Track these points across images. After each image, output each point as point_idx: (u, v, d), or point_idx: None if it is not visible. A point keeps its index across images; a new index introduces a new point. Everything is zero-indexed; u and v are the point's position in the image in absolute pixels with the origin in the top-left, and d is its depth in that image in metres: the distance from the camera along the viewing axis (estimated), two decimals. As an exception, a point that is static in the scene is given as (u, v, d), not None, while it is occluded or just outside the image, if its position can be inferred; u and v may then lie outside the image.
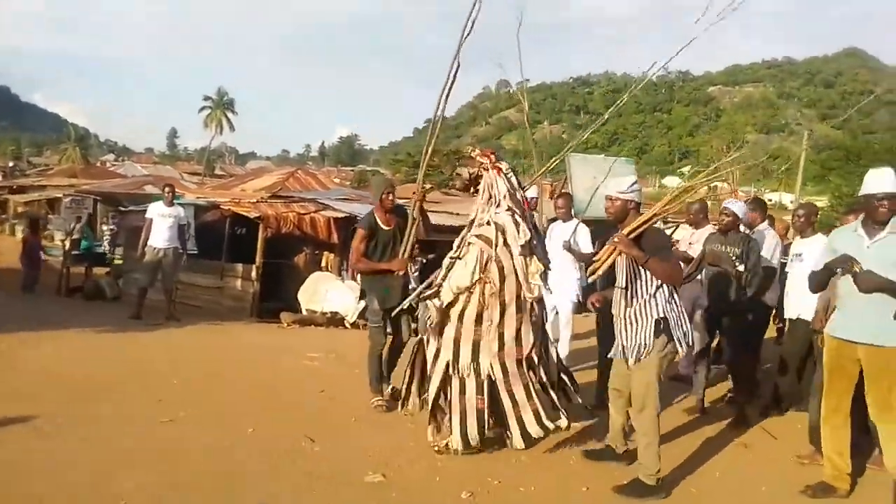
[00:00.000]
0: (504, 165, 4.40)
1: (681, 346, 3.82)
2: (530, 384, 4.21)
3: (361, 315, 9.06)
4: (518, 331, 4.17)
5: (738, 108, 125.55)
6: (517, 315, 4.16)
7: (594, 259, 4.05)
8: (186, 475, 3.69)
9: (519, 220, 4.24)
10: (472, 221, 4.38)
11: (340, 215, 10.95)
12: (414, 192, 5.02)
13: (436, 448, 4.21)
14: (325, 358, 6.70)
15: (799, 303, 5.11)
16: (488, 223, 4.22)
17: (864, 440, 4.17)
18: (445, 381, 4.22)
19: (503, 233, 4.17)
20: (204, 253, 11.42)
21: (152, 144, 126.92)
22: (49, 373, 5.59)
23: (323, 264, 11.29)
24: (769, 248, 5.77)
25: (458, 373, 4.18)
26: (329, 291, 9.37)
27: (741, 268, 5.12)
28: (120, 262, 14.12)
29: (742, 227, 5.57)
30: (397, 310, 4.81)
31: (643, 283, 3.81)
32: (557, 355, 4.61)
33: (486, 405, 4.16)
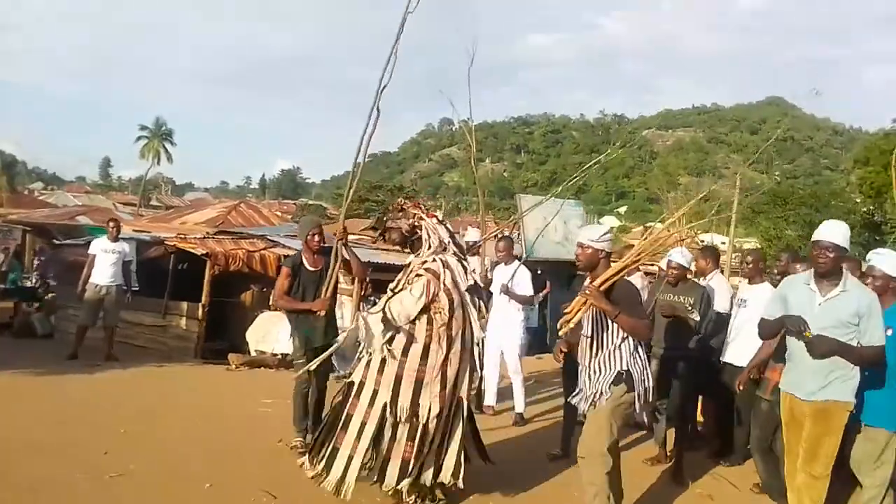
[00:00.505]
0: (439, 214, 4.60)
1: (639, 400, 3.74)
2: (457, 431, 4.12)
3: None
4: (458, 371, 4.08)
5: (670, 151, 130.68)
6: (461, 353, 4.10)
7: (564, 311, 3.93)
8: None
9: (465, 265, 4.29)
10: (409, 264, 4.35)
11: (291, 253, 10.73)
12: (344, 230, 4.90)
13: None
14: (279, 404, 6.48)
15: (740, 349, 5.14)
16: (433, 261, 4.19)
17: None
18: (381, 424, 3.99)
19: (450, 269, 4.16)
20: (146, 290, 11.00)
21: (84, 173, 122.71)
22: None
23: (271, 303, 11.02)
24: (722, 297, 5.76)
25: (395, 416, 3.99)
26: (281, 332, 9.11)
27: (696, 317, 5.14)
28: (52, 297, 13.45)
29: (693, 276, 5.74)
30: (320, 358, 4.49)
31: (609, 333, 3.76)
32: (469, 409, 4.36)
33: (413, 453, 3.98)
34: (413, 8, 4.62)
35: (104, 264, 8.79)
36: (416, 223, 4.35)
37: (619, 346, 3.74)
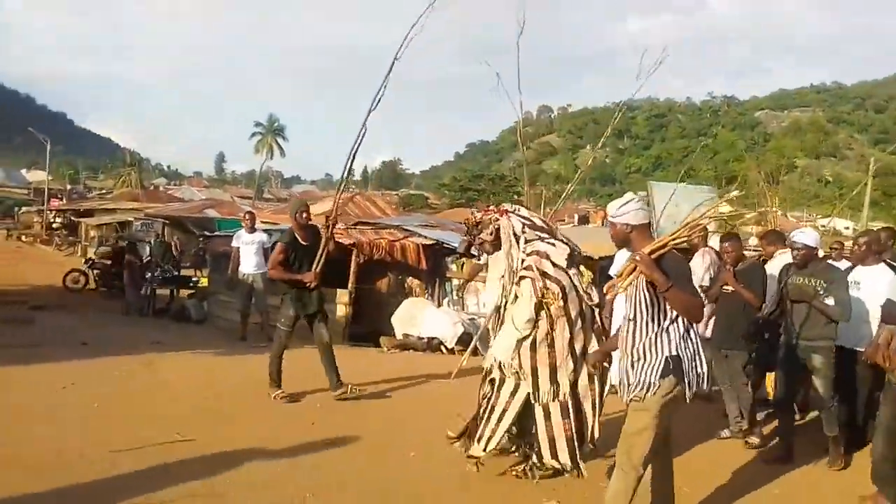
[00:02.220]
0: (508, 206, 4.63)
1: (690, 390, 3.24)
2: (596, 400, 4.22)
3: (460, 341, 9.20)
4: (585, 344, 4.19)
5: (786, 133, 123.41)
6: (584, 328, 4.20)
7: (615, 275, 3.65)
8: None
9: (552, 240, 4.34)
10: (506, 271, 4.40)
11: (429, 242, 11.08)
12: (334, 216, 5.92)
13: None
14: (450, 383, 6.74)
15: (854, 331, 4.88)
16: (529, 254, 4.26)
17: None
18: (526, 412, 4.22)
19: (546, 257, 4.22)
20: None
21: (200, 168, 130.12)
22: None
23: (406, 289, 11.42)
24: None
25: (539, 401, 4.15)
26: (426, 317, 9.46)
27: (830, 301, 4.70)
28: (205, 284, 14.48)
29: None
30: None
31: (655, 314, 3.29)
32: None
33: (573, 429, 4.12)
34: (400, 54, 5.54)
35: (247, 255, 9.52)
36: (494, 227, 4.46)
37: (668, 328, 3.26)
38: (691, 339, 3.30)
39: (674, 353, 3.22)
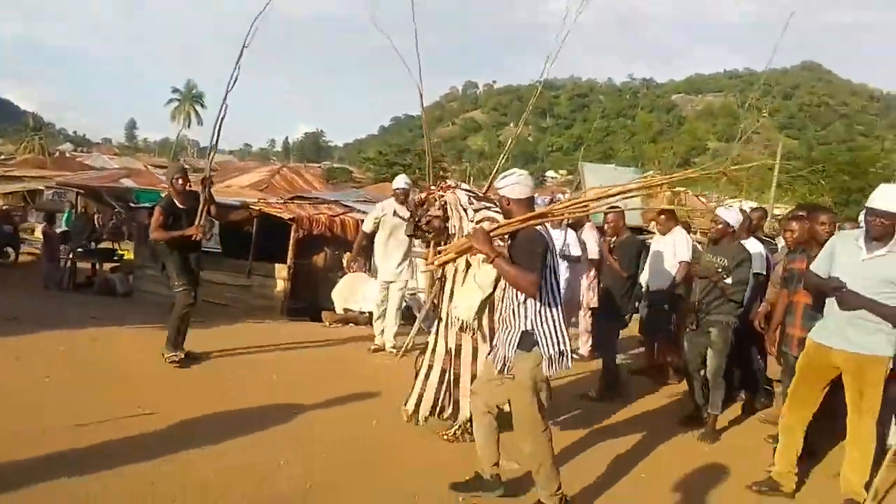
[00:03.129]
0: (451, 181, 4.85)
1: (550, 365, 3.38)
2: None
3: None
4: None
5: (699, 116, 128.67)
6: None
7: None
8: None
9: (497, 209, 4.32)
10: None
11: (364, 217, 11.16)
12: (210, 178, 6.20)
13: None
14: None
15: None
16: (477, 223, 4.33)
17: (818, 445, 4.46)
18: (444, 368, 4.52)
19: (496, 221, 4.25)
20: (227, 252, 11.56)
21: (109, 135, 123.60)
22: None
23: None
24: (681, 249, 6.45)
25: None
26: (366, 291, 9.57)
27: (728, 280, 4.94)
28: (130, 258, 14.06)
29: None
30: None
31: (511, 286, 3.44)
32: None
33: None
34: (249, 42, 5.86)
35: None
36: (441, 204, 4.60)
37: (525, 302, 3.37)
38: (550, 315, 3.39)
39: (528, 327, 3.35)
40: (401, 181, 7.35)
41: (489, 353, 3.73)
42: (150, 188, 26.04)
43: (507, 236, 3.51)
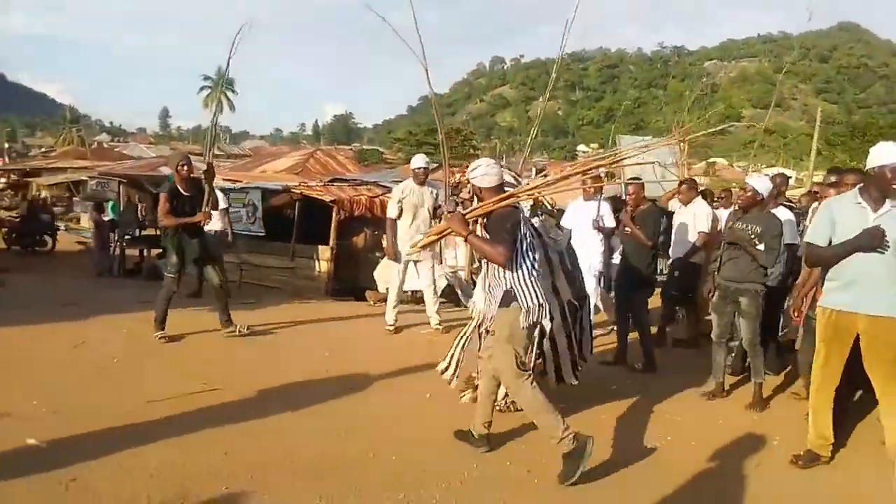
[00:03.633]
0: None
1: (526, 317, 3.73)
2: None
3: (443, 293, 9.53)
4: (555, 286, 4.55)
5: (733, 83, 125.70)
6: (551, 272, 4.55)
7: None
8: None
9: None
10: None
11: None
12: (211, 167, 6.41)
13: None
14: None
15: None
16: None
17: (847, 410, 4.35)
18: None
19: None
20: (270, 235, 11.82)
21: (143, 124, 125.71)
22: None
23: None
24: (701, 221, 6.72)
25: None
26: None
27: (760, 247, 4.93)
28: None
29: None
30: None
31: None
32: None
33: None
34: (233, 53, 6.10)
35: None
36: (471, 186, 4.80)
37: (506, 270, 3.78)
38: (526, 276, 3.78)
39: (508, 287, 3.77)
40: (420, 160, 7.33)
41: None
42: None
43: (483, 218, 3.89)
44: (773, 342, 5.93)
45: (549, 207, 7.35)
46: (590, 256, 6.95)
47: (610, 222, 7.06)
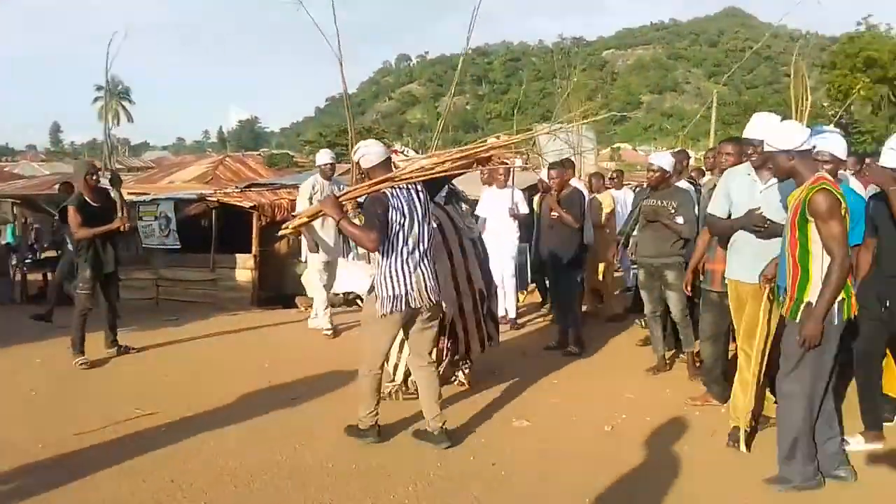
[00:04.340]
0: (398, 146, 5.12)
1: (381, 307, 3.78)
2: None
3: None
4: (469, 274, 4.81)
5: (631, 71, 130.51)
6: (464, 259, 4.80)
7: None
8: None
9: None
10: None
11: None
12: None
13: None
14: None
15: None
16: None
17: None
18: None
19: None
20: (185, 247, 11.28)
21: (33, 141, 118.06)
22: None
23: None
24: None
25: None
26: (340, 273, 9.48)
27: (679, 220, 5.07)
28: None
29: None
30: None
31: None
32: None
33: (449, 348, 4.83)
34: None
35: None
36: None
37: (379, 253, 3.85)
38: (392, 264, 3.80)
39: (375, 272, 3.91)
40: (326, 156, 7.32)
41: None
42: (88, 192, 25.23)
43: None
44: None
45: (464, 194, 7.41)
46: (506, 243, 7.13)
47: (524, 209, 7.23)
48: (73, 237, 5.99)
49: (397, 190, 3.85)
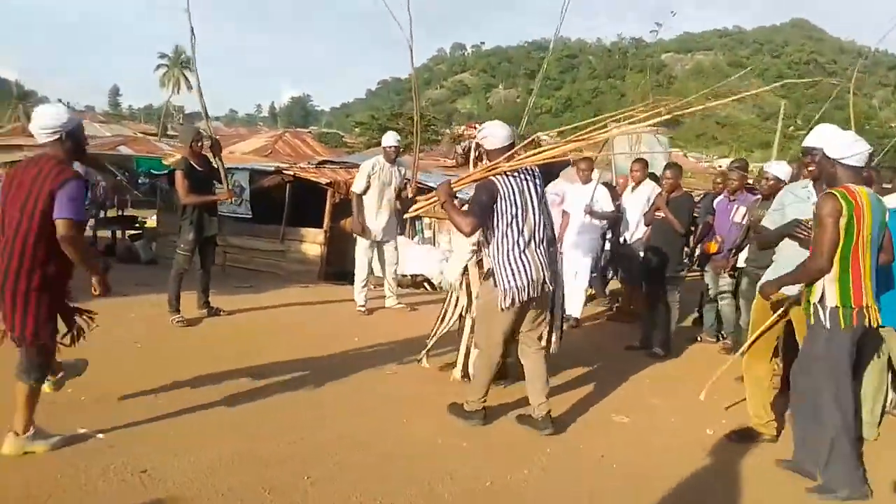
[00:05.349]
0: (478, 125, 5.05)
1: (503, 298, 3.76)
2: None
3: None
4: None
5: (689, 76, 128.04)
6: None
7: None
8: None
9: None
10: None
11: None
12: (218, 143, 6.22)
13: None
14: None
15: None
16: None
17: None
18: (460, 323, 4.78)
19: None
20: (257, 218, 11.52)
21: (92, 102, 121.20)
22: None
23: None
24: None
25: (471, 314, 4.60)
26: (410, 255, 9.62)
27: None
28: (153, 225, 13.97)
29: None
30: None
31: (484, 231, 3.95)
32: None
33: None
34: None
35: None
36: (469, 143, 4.89)
37: (489, 244, 3.87)
38: (511, 256, 3.77)
39: (489, 265, 3.87)
40: (391, 138, 7.21)
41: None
42: (149, 155, 25.83)
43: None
44: None
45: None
46: (583, 241, 7.08)
47: (607, 206, 7.14)
48: (181, 202, 6.10)
49: (510, 178, 3.80)
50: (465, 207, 4.04)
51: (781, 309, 3.78)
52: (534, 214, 3.85)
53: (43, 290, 3.18)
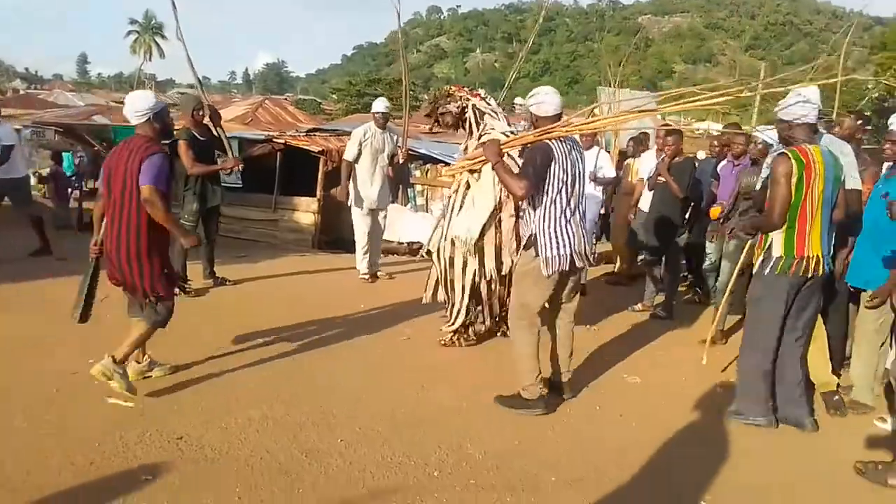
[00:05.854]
0: (482, 92, 5.03)
1: (545, 267, 3.67)
2: None
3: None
4: None
5: (666, 38, 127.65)
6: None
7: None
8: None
9: (509, 131, 4.74)
10: (465, 148, 4.93)
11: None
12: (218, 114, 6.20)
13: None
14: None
15: None
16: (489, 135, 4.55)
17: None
18: (475, 288, 4.79)
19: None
20: (247, 186, 11.43)
21: (60, 70, 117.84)
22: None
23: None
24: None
25: (486, 277, 4.68)
26: (405, 222, 9.65)
27: None
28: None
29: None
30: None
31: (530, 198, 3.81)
32: None
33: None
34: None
35: None
36: (463, 104, 4.88)
37: (534, 210, 3.73)
38: (555, 223, 3.68)
39: (534, 230, 3.72)
40: (381, 105, 7.10)
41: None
42: (126, 125, 25.31)
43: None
44: None
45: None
46: (588, 206, 7.07)
47: (610, 172, 7.18)
48: (187, 172, 6.00)
49: (563, 144, 3.70)
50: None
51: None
52: (579, 185, 3.77)
53: (151, 250, 3.63)
